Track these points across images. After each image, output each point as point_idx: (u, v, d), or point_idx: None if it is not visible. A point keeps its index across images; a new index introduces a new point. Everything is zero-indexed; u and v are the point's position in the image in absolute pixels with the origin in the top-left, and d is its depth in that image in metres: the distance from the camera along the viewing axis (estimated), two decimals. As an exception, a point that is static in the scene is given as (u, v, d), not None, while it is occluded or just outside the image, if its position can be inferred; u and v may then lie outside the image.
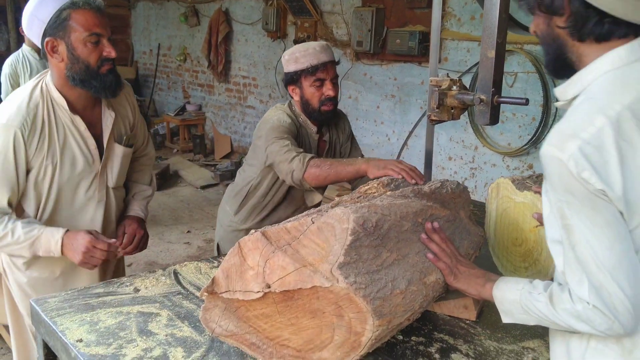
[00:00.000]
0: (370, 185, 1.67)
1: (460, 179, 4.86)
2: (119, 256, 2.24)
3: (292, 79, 2.34)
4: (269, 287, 1.27)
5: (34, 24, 1.87)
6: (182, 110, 8.43)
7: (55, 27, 1.84)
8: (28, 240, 1.87)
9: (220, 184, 6.73)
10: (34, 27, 1.88)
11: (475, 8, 4.58)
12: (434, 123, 1.97)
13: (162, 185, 6.50)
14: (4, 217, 1.88)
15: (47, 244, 1.88)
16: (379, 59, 5.50)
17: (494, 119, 1.75)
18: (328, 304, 1.24)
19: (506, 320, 1.31)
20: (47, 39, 1.85)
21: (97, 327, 1.49)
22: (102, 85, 1.90)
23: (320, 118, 2.38)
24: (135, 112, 2.20)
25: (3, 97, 4.75)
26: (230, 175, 6.66)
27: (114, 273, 2.29)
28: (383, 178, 1.78)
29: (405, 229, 1.42)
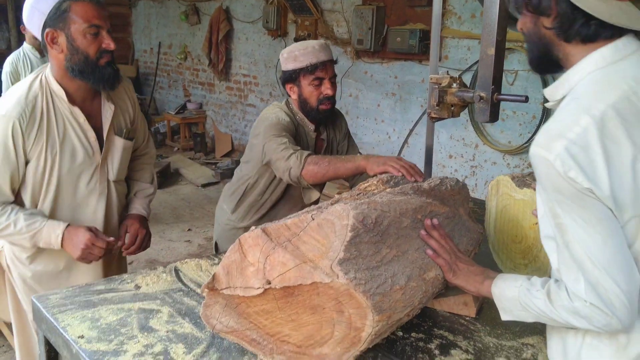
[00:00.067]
0: (369, 183, 1.67)
1: (460, 177, 4.87)
2: (124, 255, 2.27)
3: (291, 77, 2.32)
4: (270, 283, 1.27)
5: (35, 15, 1.89)
6: (182, 109, 8.44)
7: (56, 19, 1.87)
8: (30, 232, 1.91)
9: (221, 182, 6.73)
10: (34, 19, 1.90)
11: (475, 6, 4.58)
12: (434, 120, 1.98)
13: (163, 184, 6.50)
14: (7, 207, 1.92)
15: (47, 237, 1.93)
16: (380, 57, 5.51)
17: (493, 117, 1.75)
18: (328, 299, 1.25)
19: (505, 318, 1.32)
20: (47, 30, 1.88)
21: (99, 324, 1.49)
22: (101, 76, 1.92)
23: (318, 117, 2.37)
24: (136, 107, 2.22)
25: (4, 96, 4.76)
26: (230, 173, 6.64)
27: (117, 269, 2.30)
28: (382, 175, 1.78)
29: (404, 226, 1.42)
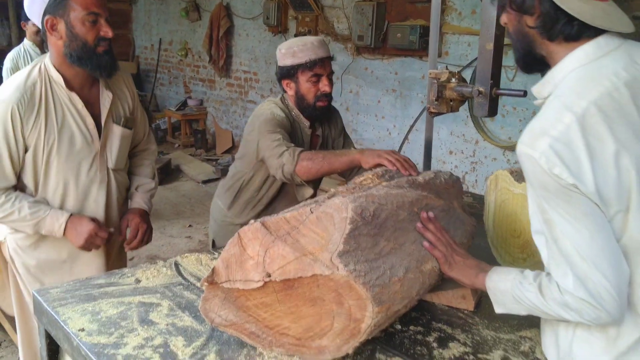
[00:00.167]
0: (365, 177, 1.68)
1: (461, 173, 4.88)
2: (126, 250, 2.31)
3: (289, 73, 2.30)
4: (270, 276, 1.28)
5: (35, 3, 1.95)
6: (183, 105, 8.44)
7: (55, 6, 1.92)
8: (33, 220, 1.99)
9: (221, 179, 6.74)
10: (35, 7, 1.95)
11: (476, 2, 4.58)
12: (433, 115, 1.98)
13: (163, 180, 6.51)
14: (11, 195, 1.98)
15: (51, 225, 2.00)
16: (380, 54, 5.51)
17: (492, 111, 1.76)
18: (328, 291, 1.26)
19: (499, 311, 1.34)
20: (47, 17, 1.93)
21: (99, 317, 1.50)
22: (98, 63, 1.97)
23: (315, 113, 2.36)
24: (135, 100, 2.24)
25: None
26: (231, 170, 6.67)
27: (118, 262, 2.34)
28: (377, 169, 1.79)
29: (401, 218, 1.43)
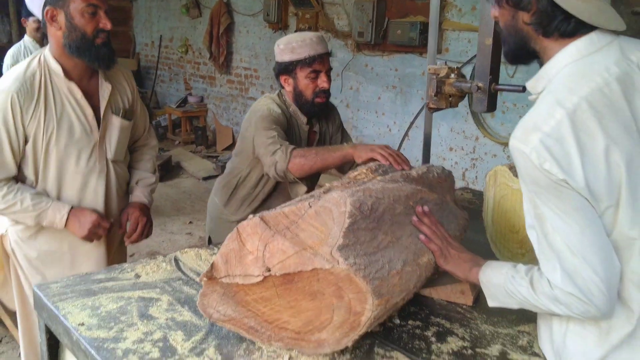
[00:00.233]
0: (359, 171, 1.69)
1: (461, 170, 4.88)
2: (126, 244, 2.32)
3: (287, 69, 2.29)
4: (269, 270, 1.28)
5: None
6: (183, 102, 8.44)
7: None
8: (35, 212, 2.01)
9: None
10: None
11: (476, -2, 4.58)
12: (432, 111, 1.99)
13: (164, 177, 6.52)
14: (14, 186, 2.00)
15: (52, 216, 2.03)
16: (380, 50, 5.50)
17: (491, 107, 1.76)
18: (328, 285, 1.26)
19: (492, 304, 1.35)
20: (47, 8, 1.96)
21: (99, 312, 1.51)
22: (97, 54, 2.01)
23: (313, 110, 2.35)
24: (135, 93, 2.26)
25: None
26: (232, 166, 6.68)
27: (118, 255, 2.36)
28: (371, 164, 1.80)
29: (398, 212, 1.44)
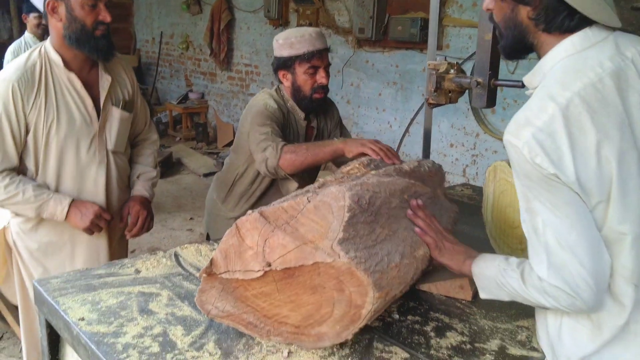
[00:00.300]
0: (352, 166, 1.70)
1: (461, 166, 4.88)
2: (127, 238, 2.35)
3: (285, 64, 2.28)
4: (270, 265, 1.29)
5: None
6: (184, 99, 8.44)
7: None
8: (37, 202, 2.04)
9: (222, 172, 6.75)
10: None
11: (477, -6, 4.57)
12: (431, 106, 1.99)
13: (165, 173, 6.53)
14: (16, 178, 2.03)
15: (53, 208, 2.05)
16: (381, 46, 5.50)
17: (490, 102, 1.76)
18: (329, 279, 1.27)
19: (483, 296, 1.37)
20: (48, 0, 1.99)
21: (99, 307, 1.51)
22: (96, 46, 2.04)
23: (311, 105, 2.34)
24: (135, 87, 2.29)
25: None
26: (232, 163, 6.68)
27: (118, 248, 2.38)
28: (363, 159, 1.81)
29: (394, 206, 1.46)
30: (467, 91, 1.99)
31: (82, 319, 1.45)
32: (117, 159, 2.24)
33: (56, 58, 2.05)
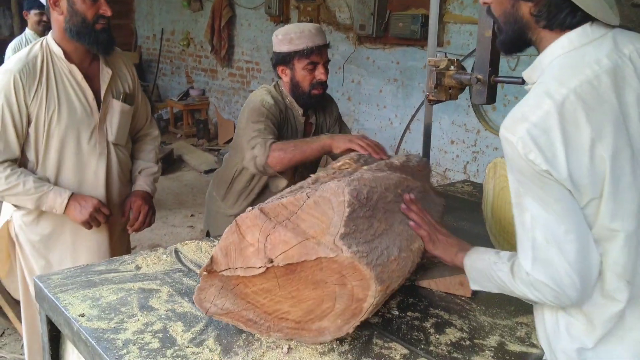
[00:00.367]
0: (343, 162, 1.71)
1: (462, 163, 4.88)
2: (129, 233, 2.38)
3: (284, 59, 2.27)
4: (272, 261, 1.29)
5: None
6: (185, 95, 8.44)
7: None
8: (37, 194, 2.05)
9: (222, 169, 6.75)
10: None
11: (478, -9, 4.56)
12: (432, 103, 1.99)
13: (166, 170, 6.53)
14: (17, 169, 2.05)
15: (53, 200, 2.07)
16: (382, 43, 5.49)
17: (490, 99, 1.76)
18: (331, 274, 1.27)
19: (473, 287, 1.40)
20: None
21: (99, 303, 1.52)
22: (96, 39, 2.07)
23: (309, 101, 2.33)
24: (135, 81, 2.31)
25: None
26: (233, 160, 6.68)
27: (120, 244, 2.39)
28: (352, 154, 1.81)
29: (389, 200, 1.47)
30: (467, 88, 1.99)
31: (83, 315, 1.46)
32: (118, 151, 2.25)
33: (57, 50, 2.08)
